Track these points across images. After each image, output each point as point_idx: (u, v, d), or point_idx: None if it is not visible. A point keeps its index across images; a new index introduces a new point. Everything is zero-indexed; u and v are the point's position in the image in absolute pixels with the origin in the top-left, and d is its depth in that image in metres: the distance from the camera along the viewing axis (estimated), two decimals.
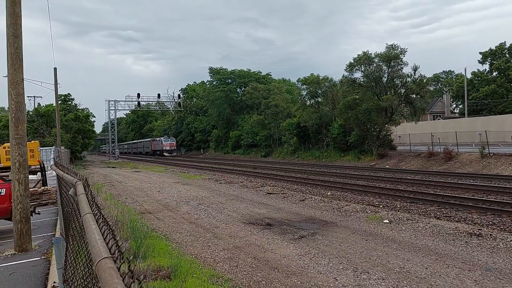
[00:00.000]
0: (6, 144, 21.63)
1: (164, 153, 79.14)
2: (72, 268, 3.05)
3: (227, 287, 7.50)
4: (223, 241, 11.12)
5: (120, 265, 1.34)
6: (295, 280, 7.85)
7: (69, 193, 3.71)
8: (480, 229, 11.05)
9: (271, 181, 26.41)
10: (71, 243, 3.47)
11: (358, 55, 38.68)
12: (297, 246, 10.36)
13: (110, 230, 1.71)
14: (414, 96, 37.05)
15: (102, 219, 1.95)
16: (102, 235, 1.74)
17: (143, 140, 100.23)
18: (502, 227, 11.52)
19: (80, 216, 2.39)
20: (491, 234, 10.48)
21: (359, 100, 38.02)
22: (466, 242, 10.08)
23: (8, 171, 16.39)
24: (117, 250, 1.47)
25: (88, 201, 2.62)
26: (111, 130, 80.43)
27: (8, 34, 9.46)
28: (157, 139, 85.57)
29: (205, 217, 14.86)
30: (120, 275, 1.26)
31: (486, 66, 61.74)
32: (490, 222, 12.11)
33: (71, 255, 3.30)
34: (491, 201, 14.68)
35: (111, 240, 1.62)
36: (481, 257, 8.83)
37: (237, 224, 13.30)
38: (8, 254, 9.27)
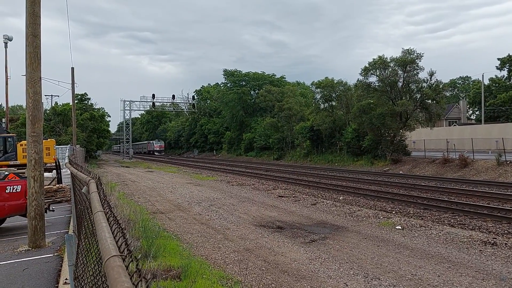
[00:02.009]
0: (23, 142, 22.01)
1: (155, 153, 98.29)
2: (82, 265, 3.08)
3: None
4: (233, 243, 11.12)
5: (129, 263, 1.34)
6: (305, 284, 7.81)
7: (82, 191, 3.75)
8: (495, 238, 10.85)
9: (283, 184, 26.35)
10: (82, 241, 3.51)
11: (374, 59, 38.42)
12: (307, 250, 10.31)
13: (120, 228, 1.72)
14: (429, 101, 36.56)
15: (113, 217, 1.97)
16: (112, 233, 1.75)
17: (142, 142, 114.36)
18: None
19: (92, 214, 2.42)
20: (506, 243, 10.28)
21: (373, 105, 37.72)
22: (480, 250, 9.91)
23: (24, 168, 16.67)
24: (126, 249, 1.47)
25: (100, 200, 2.64)
26: (125, 130, 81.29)
27: (27, 33, 9.63)
28: (151, 141, 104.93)
29: (216, 218, 14.90)
30: (128, 273, 1.26)
31: (504, 72, 60.75)
32: (506, 231, 11.89)
33: (82, 252, 3.34)
34: (507, 210, 14.41)
35: (120, 239, 1.63)
36: (496, 266, 8.66)
37: (248, 226, 13.29)
38: (22, 250, 9.42)
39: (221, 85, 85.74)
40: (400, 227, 12.56)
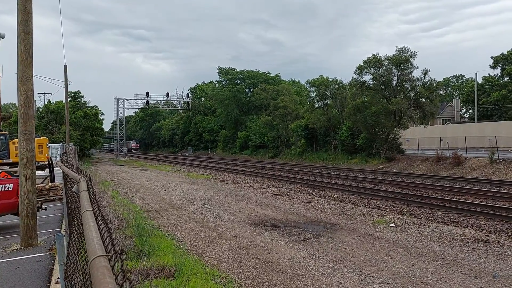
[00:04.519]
0: (16, 140, 21.86)
1: (132, 150, 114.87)
2: (73, 264, 3.05)
3: None
4: (227, 241, 11.10)
5: (114, 264, 1.32)
6: (299, 282, 7.81)
7: (72, 189, 3.71)
8: (488, 236, 10.91)
9: (277, 182, 26.36)
10: (73, 240, 3.47)
11: (368, 57, 38.49)
12: (302, 248, 10.31)
13: (107, 228, 1.70)
14: (423, 100, 36.75)
15: (101, 217, 1.94)
16: (100, 233, 1.72)
17: (124, 142, 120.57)
18: (510, 233, 11.37)
19: (81, 212, 2.39)
20: (498, 241, 10.35)
21: (368, 103, 37.82)
22: (473, 248, 9.96)
23: (17, 167, 16.54)
24: (112, 249, 1.45)
25: (90, 199, 2.61)
26: (119, 128, 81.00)
27: (19, 30, 9.54)
28: (129, 141, 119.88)
29: (210, 216, 14.86)
30: (113, 274, 1.24)
31: (498, 71, 61.10)
32: (498, 229, 11.96)
33: (73, 251, 3.30)
34: (499, 207, 14.50)
35: (107, 238, 1.60)
36: (488, 264, 8.71)
37: (242, 225, 13.28)
38: (14, 249, 9.34)
39: (216, 83, 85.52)
40: (393, 225, 12.60)
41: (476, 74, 55.81)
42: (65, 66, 38.09)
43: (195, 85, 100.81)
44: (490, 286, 7.44)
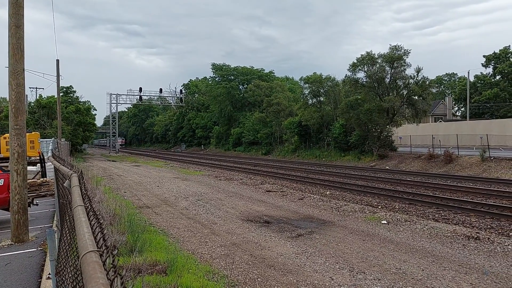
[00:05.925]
0: (6, 135, 21.65)
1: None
2: (64, 260, 3.03)
3: (222, 284, 7.48)
4: (220, 238, 11.11)
5: (105, 259, 1.31)
6: (291, 278, 7.84)
7: (64, 184, 3.69)
8: (478, 233, 11.03)
9: (270, 179, 26.40)
10: (64, 235, 3.45)
11: (362, 55, 38.60)
12: (294, 244, 10.35)
13: (99, 223, 1.69)
14: (416, 97, 36.95)
15: (92, 212, 1.93)
16: (91, 228, 1.71)
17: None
18: (500, 231, 11.51)
19: (72, 208, 2.37)
20: (489, 238, 10.46)
21: (361, 100, 37.93)
22: (463, 245, 10.06)
23: (7, 162, 16.41)
24: (103, 244, 1.44)
25: (81, 194, 2.59)
26: (112, 123, 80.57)
27: (10, 24, 9.43)
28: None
29: (203, 213, 14.86)
30: (104, 269, 1.23)
31: (490, 70, 61.54)
32: (489, 226, 12.10)
33: (64, 247, 3.28)
34: (490, 205, 14.65)
35: (99, 234, 1.60)
36: (478, 261, 8.81)
37: (235, 221, 13.28)
38: (5, 245, 9.27)
39: (209, 79, 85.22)
40: (385, 222, 12.68)
41: (468, 72, 56.30)
42: (57, 61, 37.73)
43: (189, 81, 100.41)
44: (480, 283, 7.52)
